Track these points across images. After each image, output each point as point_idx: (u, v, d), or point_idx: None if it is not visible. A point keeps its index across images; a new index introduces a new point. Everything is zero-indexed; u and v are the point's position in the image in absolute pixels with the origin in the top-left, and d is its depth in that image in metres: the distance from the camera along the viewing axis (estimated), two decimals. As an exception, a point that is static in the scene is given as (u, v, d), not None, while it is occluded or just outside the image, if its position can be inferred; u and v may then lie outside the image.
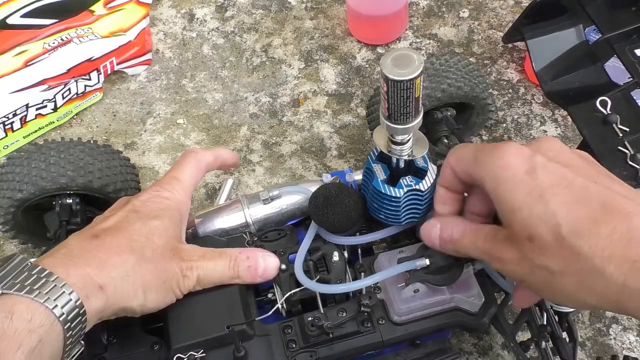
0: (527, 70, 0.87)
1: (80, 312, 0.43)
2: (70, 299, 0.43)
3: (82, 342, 0.46)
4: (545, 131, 0.82)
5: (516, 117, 0.83)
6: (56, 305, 0.42)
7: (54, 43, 0.84)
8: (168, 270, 0.49)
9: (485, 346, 0.67)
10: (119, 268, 0.46)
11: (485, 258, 0.46)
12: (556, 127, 0.82)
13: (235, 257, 0.52)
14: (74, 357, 0.46)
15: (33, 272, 0.43)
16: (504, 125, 0.83)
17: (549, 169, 0.42)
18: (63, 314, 0.42)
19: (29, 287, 0.42)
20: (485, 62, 0.89)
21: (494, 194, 0.44)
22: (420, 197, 0.52)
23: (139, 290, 0.47)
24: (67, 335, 0.43)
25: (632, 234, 0.39)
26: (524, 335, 0.64)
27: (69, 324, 0.43)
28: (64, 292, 0.43)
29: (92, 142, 0.65)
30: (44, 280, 0.43)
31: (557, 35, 0.70)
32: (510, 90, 0.86)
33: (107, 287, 0.45)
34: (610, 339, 0.67)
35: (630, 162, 0.59)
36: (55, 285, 0.43)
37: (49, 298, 0.42)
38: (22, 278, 0.43)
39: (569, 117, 0.76)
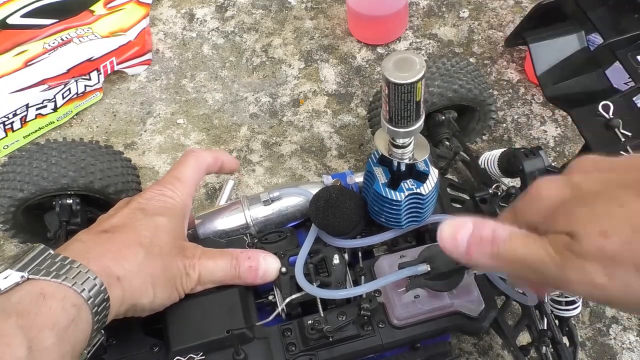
0: (527, 70, 0.87)
1: (105, 297, 0.44)
2: (96, 284, 0.43)
3: (103, 331, 0.46)
4: (545, 131, 0.82)
5: (516, 117, 0.83)
6: (84, 289, 0.42)
7: (54, 43, 0.84)
8: (173, 267, 0.49)
9: (485, 346, 0.67)
10: (132, 261, 0.47)
11: (548, 271, 0.35)
12: (556, 127, 0.82)
13: (237, 257, 0.52)
14: (94, 347, 0.46)
15: (56, 260, 0.43)
16: (504, 125, 0.83)
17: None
18: (91, 297, 0.42)
19: (55, 273, 0.42)
20: (485, 62, 0.89)
21: None
22: (421, 201, 0.52)
23: (149, 286, 0.47)
24: (95, 319, 0.43)
25: None
26: (523, 337, 0.64)
27: (96, 307, 0.43)
28: (89, 277, 0.43)
29: (93, 142, 0.65)
30: (68, 266, 0.43)
31: (559, 40, 0.70)
32: (510, 90, 0.86)
33: (123, 279, 0.46)
34: (610, 339, 0.67)
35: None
36: (80, 271, 0.43)
37: (76, 282, 0.42)
38: (46, 265, 0.43)
39: (569, 117, 0.76)
